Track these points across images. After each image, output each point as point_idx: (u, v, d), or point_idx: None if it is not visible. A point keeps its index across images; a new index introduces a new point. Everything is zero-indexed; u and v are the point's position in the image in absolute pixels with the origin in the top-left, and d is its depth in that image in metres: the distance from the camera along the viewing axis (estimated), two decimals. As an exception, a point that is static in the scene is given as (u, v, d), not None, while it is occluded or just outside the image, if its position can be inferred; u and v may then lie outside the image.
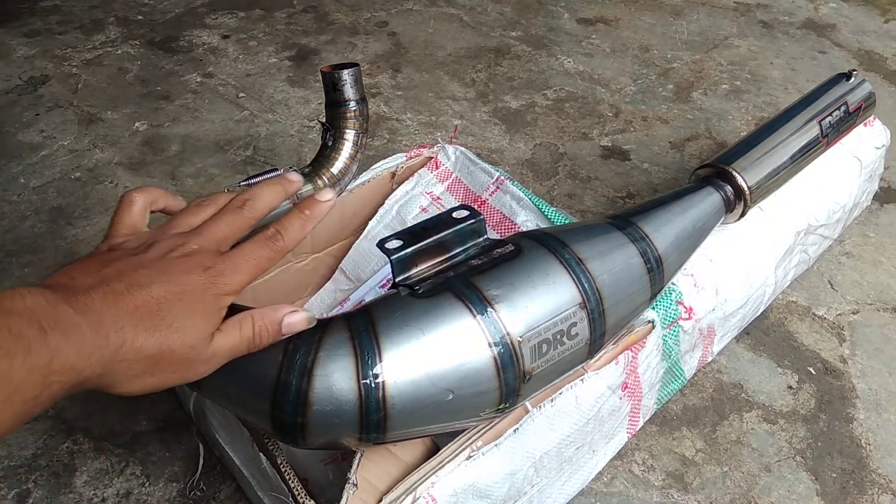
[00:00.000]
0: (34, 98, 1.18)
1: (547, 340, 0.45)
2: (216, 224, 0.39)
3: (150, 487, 0.63)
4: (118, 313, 0.32)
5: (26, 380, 0.28)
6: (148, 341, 0.32)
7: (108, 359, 0.31)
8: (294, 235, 0.39)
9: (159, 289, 0.34)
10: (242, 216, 0.40)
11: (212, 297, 0.35)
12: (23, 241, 0.90)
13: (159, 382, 0.34)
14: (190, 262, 0.36)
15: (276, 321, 0.38)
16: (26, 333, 0.28)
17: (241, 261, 0.37)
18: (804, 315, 0.82)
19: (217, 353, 0.36)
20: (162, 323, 0.33)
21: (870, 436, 0.70)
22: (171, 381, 0.35)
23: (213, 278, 0.36)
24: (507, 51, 1.36)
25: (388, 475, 0.49)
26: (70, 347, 0.29)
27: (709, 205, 0.62)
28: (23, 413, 0.28)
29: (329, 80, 0.63)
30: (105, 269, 0.34)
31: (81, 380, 0.30)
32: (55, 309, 0.30)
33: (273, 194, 0.42)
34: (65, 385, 0.30)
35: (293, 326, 0.38)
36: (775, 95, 1.24)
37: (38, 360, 0.28)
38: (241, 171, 1.03)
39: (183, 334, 0.34)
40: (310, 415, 0.39)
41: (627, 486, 0.65)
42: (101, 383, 0.32)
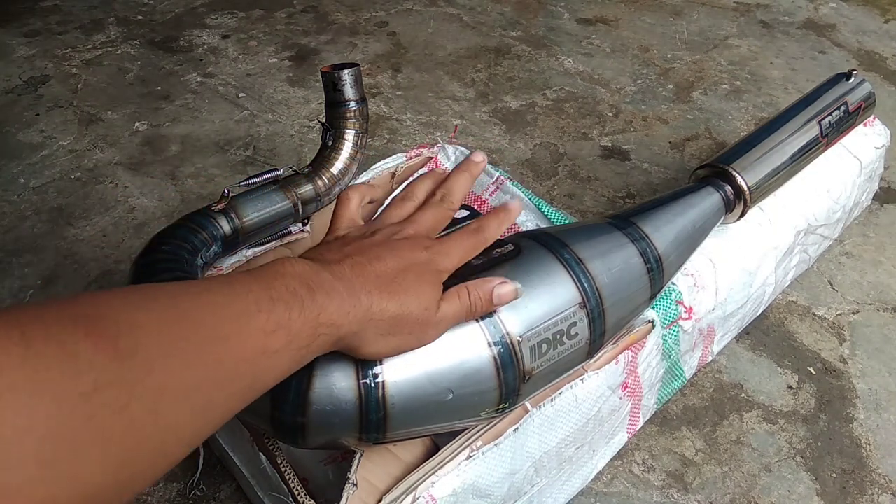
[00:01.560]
0: (34, 98, 1.18)
1: (547, 340, 0.45)
2: (423, 215, 0.46)
3: (150, 487, 0.63)
4: (365, 280, 0.37)
5: (302, 329, 0.33)
6: (391, 303, 0.37)
7: (361, 317, 0.36)
8: (493, 231, 0.46)
9: (393, 262, 0.39)
10: (443, 207, 0.47)
11: (434, 271, 0.41)
12: (23, 241, 0.90)
13: (400, 343, 0.39)
14: (411, 242, 0.42)
15: (488, 291, 0.42)
16: (300, 291, 0.33)
17: (453, 245, 0.43)
18: (804, 315, 0.82)
19: (444, 318, 0.40)
20: (399, 288, 0.38)
21: (870, 436, 0.70)
22: (409, 343, 0.40)
23: (433, 256, 0.41)
24: (507, 51, 1.36)
25: (388, 475, 0.49)
26: (332, 305, 0.34)
27: (709, 205, 0.62)
28: (298, 359, 0.33)
29: (329, 80, 0.63)
30: (346, 248, 0.40)
31: (341, 335, 0.35)
32: (318, 274, 0.35)
33: (464, 182, 0.49)
34: (329, 338, 0.35)
35: (503, 297, 0.42)
36: (775, 95, 1.24)
37: (310, 313, 0.33)
38: (241, 171, 1.03)
39: (418, 298, 0.39)
40: (309, 415, 0.39)
41: (627, 486, 0.65)
42: (354, 342, 0.37)
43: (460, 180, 0.49)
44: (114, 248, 0.89)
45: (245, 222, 0.62)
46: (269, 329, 0.31)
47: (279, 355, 0.32)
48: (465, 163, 0.50)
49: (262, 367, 0.31)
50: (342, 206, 0.47)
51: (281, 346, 0.32)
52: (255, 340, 0.30)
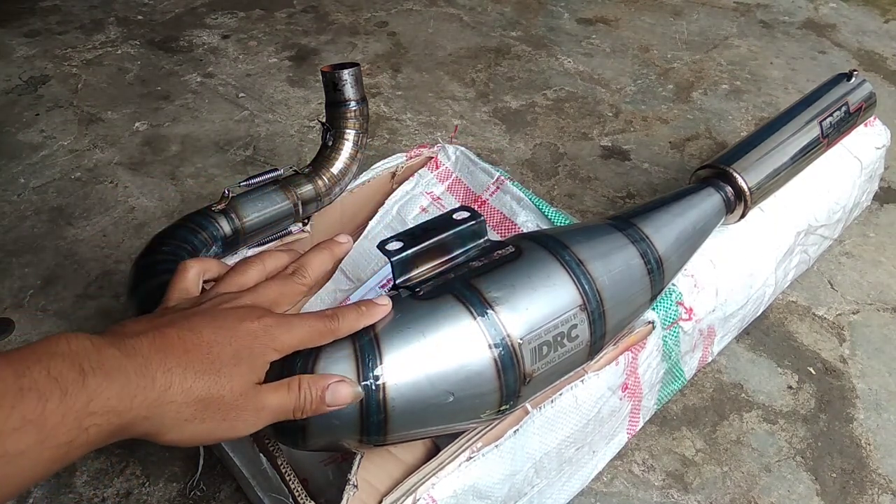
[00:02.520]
0: (34, 98, 1.18)
1: (547, 342, 0.45)
2: (267, 286, 0.40)
3: (150, 487, 0.63)
4: (167, 355, 0.32)
5: (60, 423, 0.28)
6: (197, 383, 0.33)
7: (153, 400, 0.31)
8: (350, 324, 0.40)
9: (210, 334, 0.34)
10: (292, 281, 0.41)
11: (260, 347, 0.36)
12: (23, 241, 0.90)
13: (210, 431, 0.34)
14: (242, 312, 0.37)
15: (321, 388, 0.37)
16: (66, 375, 0.28)
17: (296, 323, 0.38)
18: (804, 315, 0.82)
19: (265, 408, 0.36)
20: (211, 367, 0.33)
21: (870, 436, 0.70)
22: (221, 431, 0.35)
23: (266, 329, 0.36)
24: (507, 51, 1.36)
25: (389, 476, 0.49)
26: (111, 389, 0.30)
27: (709, 206, 0.62)
28: (57, 458, 0.28)
29: (329, 79, 0.63)
30: (158, 320, 0.35)
31: (125, 423, 0.31)
32: (100, 352, 0.30)
33: (323, 259, 0.43)
34: (104, 429, 0.30)
35: (337, 398, 0.38)
36: (775, 95, 1.24)
37: (74, 402, 0.28)
38: (241, 172, 1.02)
39: (231, 380, 0.34)
40: (310, 417, 0.39)
41: (627, 486, 0.65)
42: (147, 428, 0.32)
43: (319, 257, 0.43)
44: (114, 248, 0.89)
45: (245, 222, 0.62)
46: (9, 427, 0.26)
47: (25, 457, 0.27)
48: (327, 242, 0.45)
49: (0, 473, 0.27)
50: (178, 277, 0.42)
51: (28, 446, 0.27)
52: None
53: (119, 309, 0.81)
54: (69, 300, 0.82)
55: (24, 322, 0.79)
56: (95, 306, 0.81)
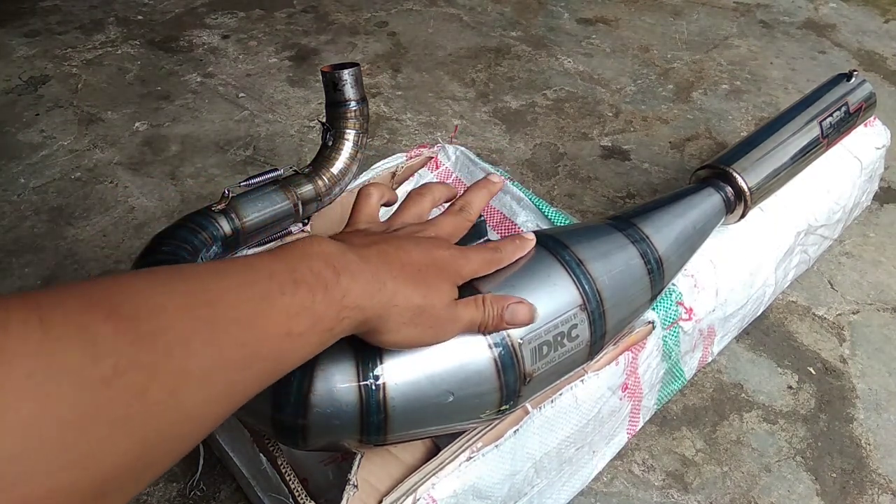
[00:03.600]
0: (34, 98, 1.18)
1: (547, 342, 0.45)
2: (444, 220, 0.46)
3: (150, 487, 0.63)
4: (391, 267, 0.37)
5: (325, 312, 0.32)
6: (415, 293, 0.37)
7: (385, 302, 0.36)
8: (509, 255, 0.46)
9: (418, 255, 0.39)
10: (462, 218, 0.47)
11: (454, 271, 0.41)
12: (23, 241, 0.90)
13: (420, 335, 0.39)
14: (435, 241, 0.42)
15: (503, 306, 0.42)
16: (324, 273, 0.33)
17: (472, 254, 0.43)
18: (804, 315, 0.82)
19: (461, 319, 0.40)
20: (423, 281, 0.38)
21: (870, 436, 0.70)
22: (427, 336, 0.39)
23: (454, 257, 0.41)
24: (507, 51, 1.36)
25: (389, 476, 0.49)
26: (357, 288, 0.34)
27: (709, 206, 0.62)
28: (322, 341, 0.33)
29: (329, 79, 0.63)
30: (372, 237, 0.41)
31: (365, 317, 0.35)
32: (344, 255, 0.35)
33: (484, 197, 0.49)
34: (353, 321, 0.34)
35: (516, 316, 0.42)
36: (775, 95, 1.24)
37: (334, 295, 0.33)
38: (241, 172, 1.02)
39: (439, 293, 0.39)
40: (310, 417, 0.39)
41: (627, 486, 0.65)
42: (378, 325, 0.36)
43: (480, 194, 0.49)
44: (114, 248, 0.89)
45: (245, 222, 0.62)
46: (292, 312, 0.31)
47: (303, 338, 0.32)
48: (484, 180, 0.50)
49: (286, 349, 0.31)
50: (362, 202, 0.47)
51: (305, 329, 0.31)
52: (278, 323, 0.30)
53: (119, 309, 0.80)
54: (69, 300, 0.81)
55: (24, 322, 0.79)
56: (95, 306, 0.81)
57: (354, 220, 0.47)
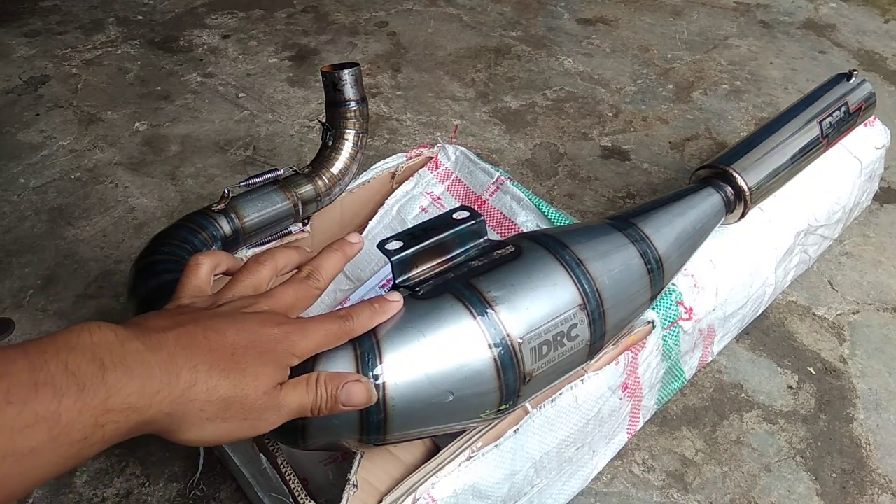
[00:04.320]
0: (34, 98, 1.18)
1: (547, 342, 0.45)
2: (283, 290, 0.40)
3: (150, 487, 0.63)
4: (192, 354, 0.32)
5: (75, 420, 0.27)
6: (222, 382, 0.33)
7: (176, 397, 0.31)
8: (364, 323, 0.40)
9: (234, 335, 0.34)
10: (307, 285, 0.41)
11: (282, 351, 0.36)
12: (23, 241, 0.90)
13: (231, 430, 0.34)
14: (262, 317, 0.37)
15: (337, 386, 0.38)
16: (84, 370, 0.28)
17: (312, 327, 0.38)
18: (804, 315, 0.82)
19: (286, 405, 0.36)
20: (236, 367, 0.33)
21: (870, 436, 0.70)
22: (242, 430, 0.35)
23: (285, 335, 0.36)
24: (507, 51, 1.36)
25: (389, 476, 0.49)
26: (132, 385, 0.29)
27: (709, 205, 0.62)
28: (70, 455, 0.28)
29: (329, 79, 0.63)
30: (180, 317, 0.35)
31: (145, 420, 0.30)
32: (123, 346, 0.30)
33: (336, 261, 0.43)
34: (121, 426, 0.29)
35: (352, 397, 0.38)
36: (775, 95, 1.24)
37: (91, 399, 0.28)
38: (241, 172, 1.03)
39: (256, 380, 0.34)
40: (310, 416, 0.39)
41: (627, 486, 0.65)
42: (168, 425, 0.32)
43: (331, 259, 0.43)
44: (114, 248, 0.89)
45: (245, 222, 0.62)
46: (20, 425, 0.26)
47: (37, 455, 0.26)
48: (339, 242, 0.44)
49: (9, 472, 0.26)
50: (190, 273, 0.41)
51: (39, 444, 0.26)
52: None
53: (119, 309, 0.81)
54: (69, 300, 0.82)
55: (24, 322, 0.79)
56: (95, 306, 0.81)
57: (178, 293, 0.40)
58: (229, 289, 0.40)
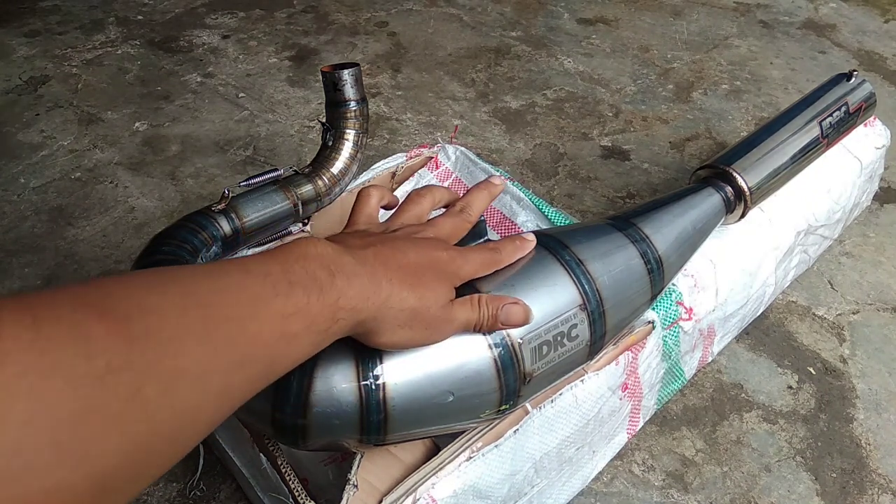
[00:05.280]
0: (34, 98, 1.18)
1: (547, 342, 0.45)
2: (443, 221, 0.46)
3: (150, 487, 0.63)
4: (387, 268, 0.37)
5: (320, 313, 0.33)
6: (410, 295, 0.37)
7: (380, 304, 0.36)
8: (508, 256, 0.46)
9: (415, 256, 0.39)
10: (462, 219, 0.47)
11: (451, 272, 0.41)
12: (23, 241, 0.90)
13: (414, 336, 0.39)
14: (433, 242, 0.42)
15: (498, 306, 0.42)
16: (319, 275, 0.33)
17: (471, 255, 0.43)
18: (804, 315, 0.82)
19: (456, 319, 0.40)
20: (419, 282, 0.38)
21: (870, 436, 0.70)
22: (422, 338, 0.40)
23: (451, 258, 0.41)
24: (507, 51, 1.36)
25: (389, 476, 0.49)
26: (353, 290, 0.34)
27: (709, 206, 0.62)
28: (316, 342, 0.33)
29: (329, 79, 0.63)
30: (369, 237, 0.41)
31: (360, 319, 0.35)
32: (340, 257, 0.35)
33: (484, 199, 0.49)
34: (348, 323, 0.35)
35: (510, 317, 0.42)
36: (775, 95, 1.24)
37: (329, 297, 0.33)
38: (241, 172, 1.02)
39: (436, 295, 0.39)
40: (310, 416, 0.39)
41: (627, 486, 0.65)
42: (373, 327, 0.37)
43: (480, 196, 0.49)
44: (114, 248, 0.89)
45: (245, 222, 0.62)
46: (286, 313, 0.31)
47: (297, 339, 0.32)
48: (485, 182, 0.50)
49: (280, 350, 0.31)
50: (362, 203, 0.48)
51: (299, 330, 0.32)
52: (272, 324, 0.30)
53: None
54: (69, 300, 0.81)
55: (24, 322, 0.79)
56: (95, 306, 0.81)
57: (353, 220, 0.47)
58: (397, 217, 0.47)
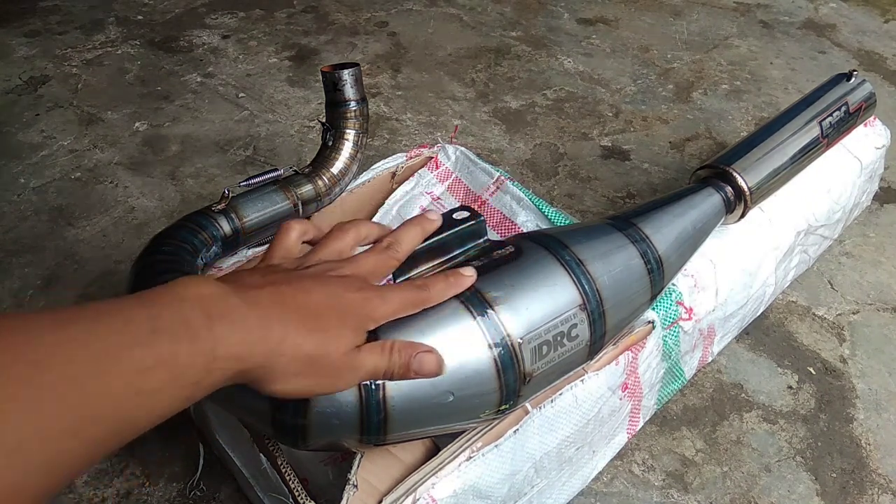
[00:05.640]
0: (34, 98, 1.18)
1: (547, 342, 0.45)
2: (365, 258, 0.42)
3: (150, 487, 0.63)
4: (283, 311, 0.34)
5: (190, 364, 0.29)
6: (308, 340, 0.34)
7: (269, 350, 0.33)
8: (438, 294, 0.43)
9: (320, 296, 0.36)
10: (388, 256, 0.43)
11: (362, 315, 0.38)
12: (23, 241, 0.90)
13: (311, 386, 0.36)
14: (345, 281, 0.38)
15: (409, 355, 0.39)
16: (195, 320, 0.30)
17: (391, 295, 0.40)
18: (804, 315, 0.82)
19: (361, 367, 0.38)
20: (320, 326, 0.35)
21: (870, 436, 0.70)
22: (321, 387, 0.37)
23: (365, 300, 0.38)
24: (507, 51, 1.36)
25: (389, 476, 0.49)
26: (235, 336, 0.31)
27: (709, 206, 0.62)
28: (184, 397, 0.30)
29: (329, 79, 0.63)
30: (272, 276, 0.37)
31: (243, 369, 0.32)
32: (225, 299, 0.32)
33: (415, 235, 0.45)
34: (227, 373, 0.31)
35: (423, 367, 0.39)
36: (775, 95, 1.24)
37: (202, 346, 0.30)
38: (241, 172, 1.03)
39: (338, 340, 0.36)
40: (310, 416, 0.39)
41: (627, 486, 0.65)
42: (261, 376, 0.34)
43: (412, 232, 0.45)
44: (114, 248, 0.89)
45: (245, 222, 0.62)
46: (144, 366, 0.28)
47: (159, 394, 0.29)
48: (418, 217, 0.46)
49: (135, 407, 0.28)
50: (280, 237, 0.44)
51: (161, 384, 0.28)
52: (123, 380, 0.27)
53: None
54: (69, 300, 0.82)
55: (24, 322, 0.79)
56: (95, 306, 0.81)
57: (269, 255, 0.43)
58: (315, 253, 0.43)
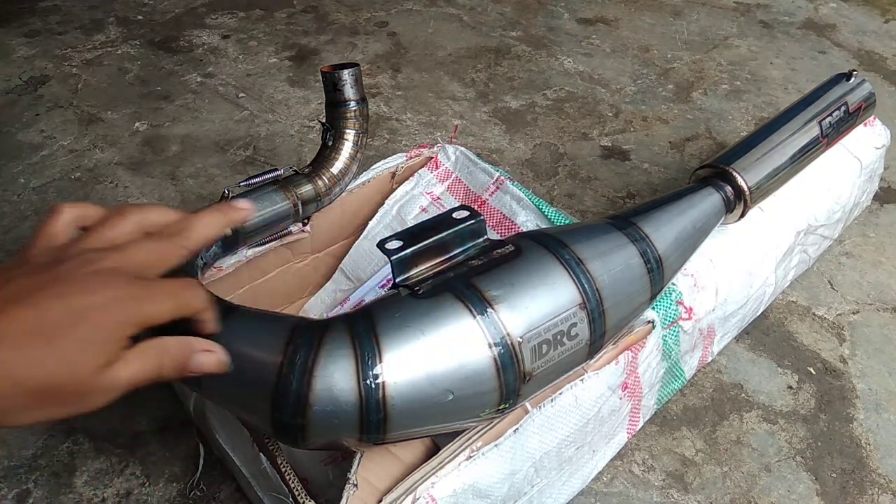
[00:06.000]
0: (34, 98, 1.18)
1: (547, 341, 0.45)
2: (140, 246, 0.34)
3: (150, 487, 0.63)
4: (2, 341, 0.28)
5: None
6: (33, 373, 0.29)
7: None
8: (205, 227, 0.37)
9: (57, 313, 0.29)
10: (172, 244, 0.36)
11: (115, 325, 0.31)
12: (23, 241, 0.90)
13: (51, 415, 0.30)
14: (101, 281, 0.31)
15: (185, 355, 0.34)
16: None
17: (163, 292, 0.33)
18: (804, 315, 0.82)
19: (116, 386, 0.32)
20: (52, 354, 0.29)
21: (870, 436, 0.70)
22: (63, 414, 0.31)
23: (123, 303, 0.31)
24: (507, 51, 1.36)
25: (389, 475, 0.49)
26: None
27: (709, 205, 0.62)
28: None
29: (329, 80, 0.63)
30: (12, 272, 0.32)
31: None
32: None
33: (212, 226, 0.38)
34: None
35: (203, 366, 0.35)
36: (775, 95, 1.24)
37: None
38: (241, 172, 1.03)
39: (73, 368, 0.30)
40: (310, 416, 0.39)
41: (627, 486, 0.65)
42: None
43: (208, 220, 0.38)
44: (114, 249, 0.89)
45: (245, 223, 0.62)
46: None
47: None
48: (224, 205, 0.40)
49: None
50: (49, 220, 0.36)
51: None
52: None
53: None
54: (69, 300, 0.81)
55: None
56: (95, 306, 0.81)
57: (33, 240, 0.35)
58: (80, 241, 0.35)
